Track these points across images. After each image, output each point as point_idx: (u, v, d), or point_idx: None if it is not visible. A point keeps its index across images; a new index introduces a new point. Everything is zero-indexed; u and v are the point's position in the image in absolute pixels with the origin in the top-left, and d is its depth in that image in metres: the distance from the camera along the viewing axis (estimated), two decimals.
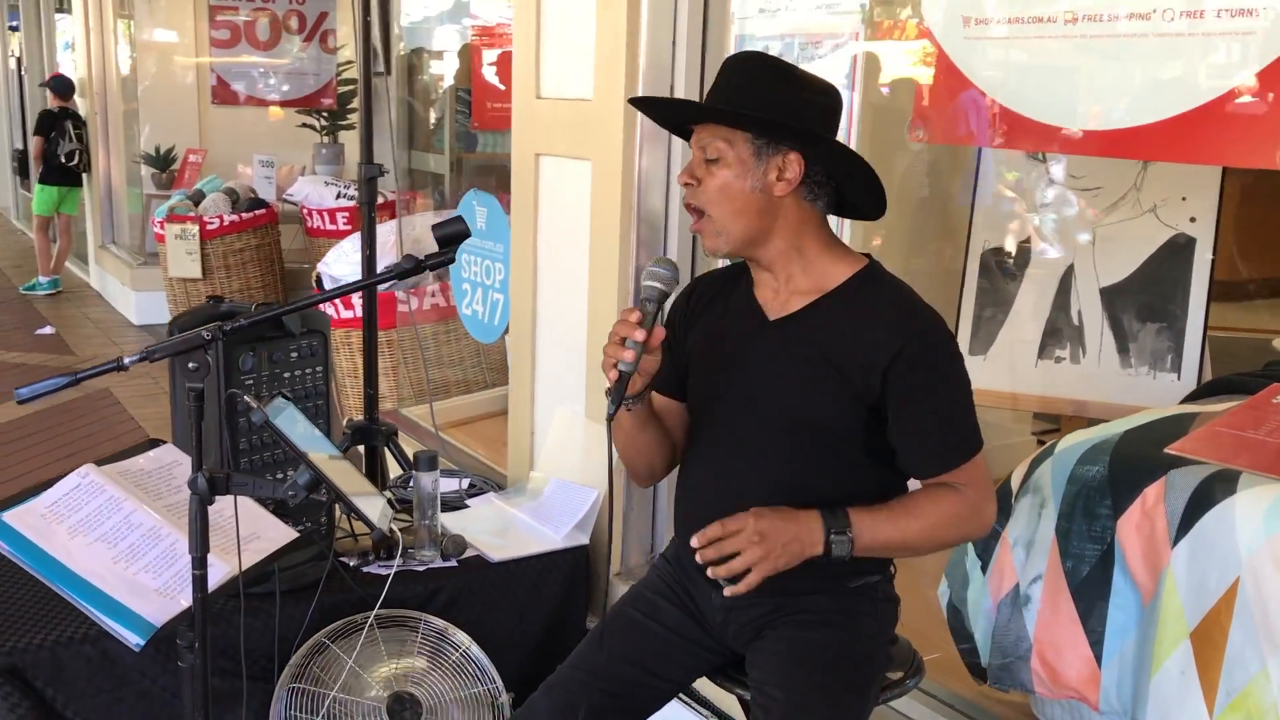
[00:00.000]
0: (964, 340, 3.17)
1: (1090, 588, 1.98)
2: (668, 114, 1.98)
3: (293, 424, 1.80)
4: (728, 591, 1.66)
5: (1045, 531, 2.05)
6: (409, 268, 1.71)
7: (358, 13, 3.08)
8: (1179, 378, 2.95)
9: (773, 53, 2.48)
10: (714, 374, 1.87)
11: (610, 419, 1.71)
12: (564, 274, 2.85)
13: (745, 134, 1.71)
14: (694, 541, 1.66)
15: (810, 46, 2.39)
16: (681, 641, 1.86)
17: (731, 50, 2.56)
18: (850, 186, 1.80)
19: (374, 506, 1.79)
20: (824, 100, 1.76)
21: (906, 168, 3.40)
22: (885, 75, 2.39)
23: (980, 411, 3.46)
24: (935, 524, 1.71)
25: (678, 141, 2.61)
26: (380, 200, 5.73)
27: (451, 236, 1.70)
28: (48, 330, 7.32)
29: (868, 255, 1.84)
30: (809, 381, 1.76)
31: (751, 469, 1.80)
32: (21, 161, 10.37)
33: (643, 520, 2.80)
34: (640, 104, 2.03)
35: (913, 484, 1.81)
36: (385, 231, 3.90)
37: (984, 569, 2.15)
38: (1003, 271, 3.16)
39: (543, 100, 2.85)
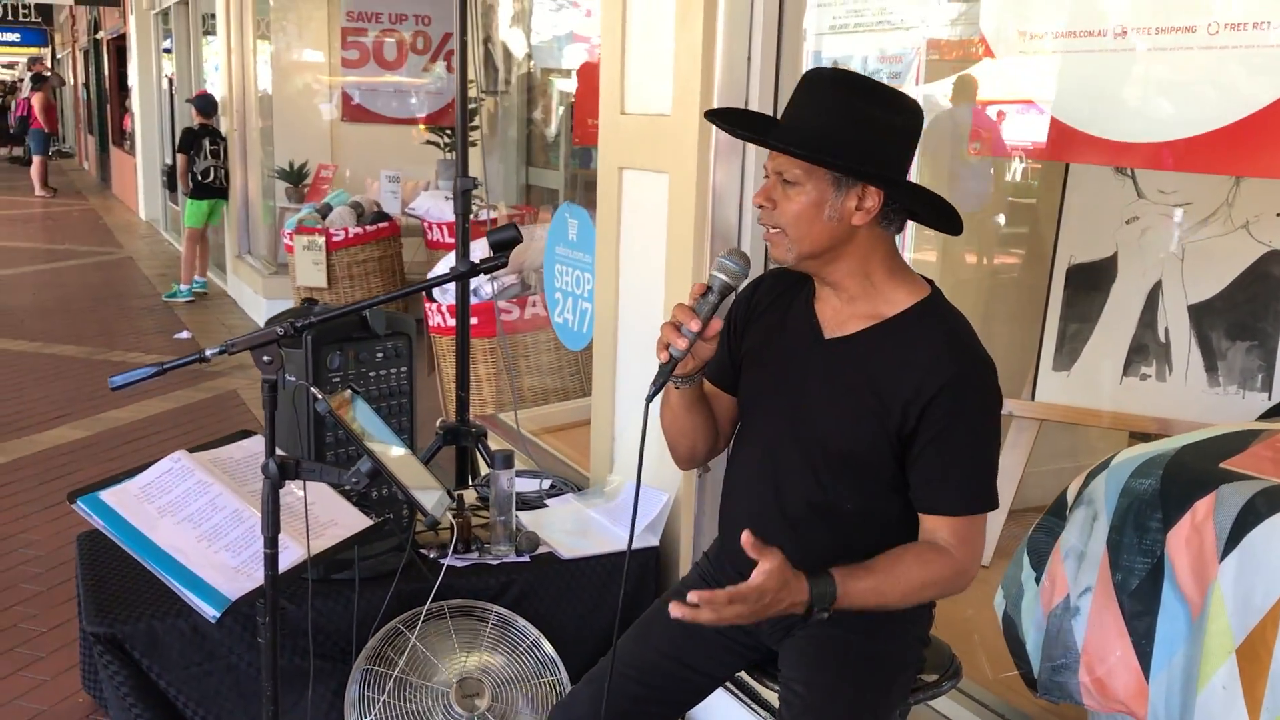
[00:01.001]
0: (1048, 356, 3.15)
1: (1139, 601, 1.97)
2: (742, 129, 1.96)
3: (361, 417, 1.93)
4: (675, 612, 1.63)
5: (1097, 544, 2.04)
6: (464, 271, 1.82)
7: (456, 35, 3.23)
8: (1270, 397, 2.88)
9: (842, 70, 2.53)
10: (764, 381, 1.91)
11: (649, 400, 1.77)
12: (643, 283, 2.94)
13: None
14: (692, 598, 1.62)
15: (878, 62, 2.43)
16: (719, 638, 1.92)
17: (806, 67, 2.62)
18: (925, 213, 1.81)
19: (431, 497, 1.90)
20: (905, 121, 1.74)
21: (985, 182, 3.39)
22: (948, 90, 2.41)
23: (1064, 429, 3.44)
24: (917, 588, 1.74)
25: (750, 155, 2.67)
26: (495, 215, 5.92)
27: (504, 242, 1.80)
28: (184, 335, 7.74)
29: (930, 282, 1.85)
30: (852, 410, 1.78)
31: (788, 483, 1.85)
32: (170, 176, 10.98)
33: (714, 524, 2.86)
34: (716, 116, 1.96)
35: None
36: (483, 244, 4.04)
37: (1037, 580, 2.15)
38: (1088, 287, 3.13)
39: (626, 116, 2.95)
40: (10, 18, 22.86)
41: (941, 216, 1.79)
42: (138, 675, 2.33)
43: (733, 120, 1.98)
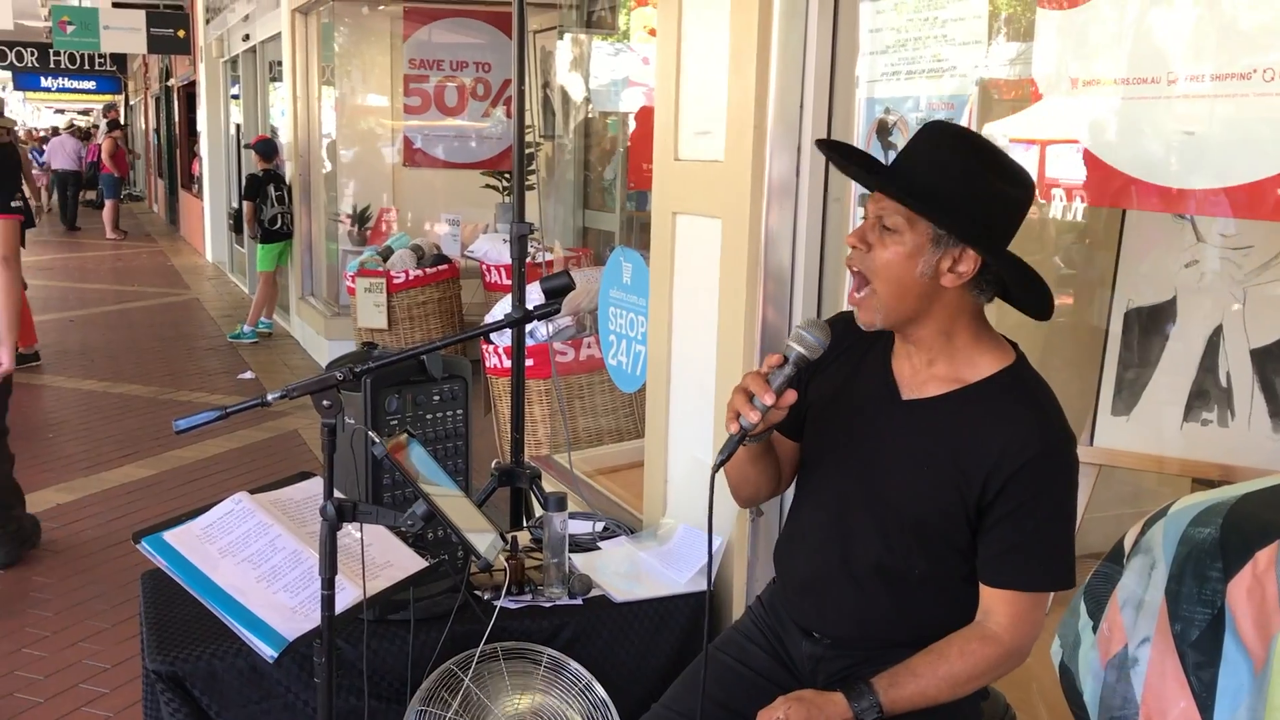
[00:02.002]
0: (1106, 401, 3.11)
1: (1199, 652, 1.92)
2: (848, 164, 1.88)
3: (418, 460, 1.96)
4: None
5: (1155, 593, 2.00)
6: (519, 317, 1.85)
7: (514, 82, 3.29)
8: None
9: (895, 115, 2.55)
10: (834, 436, 1.88)
11: (715, 470, 1.75)
12: (696, 326, 2.96)
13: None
14: None
15: (931, 109, 2.44)
16: (770, 686, 1.91)
17: (857, 112, 2.63)
18: (1018, 288, 1.77)
19: (484, 539, 1.92)
20: (1016, 192, 1.71)
21: (1045, 226, 3.37)
22: (1002, 136, 2.42)
23: (1123, 474, 3.39)
24: (964, 681, 1.74)
25: (804, 199, 2.69)
26: (552, 257, 5.98)
27: (557, 289, 1.83)
28: (248, 375, 7.89)
29: (1014, 345, 1.82)
30: (930, 477, 1.76)
31: (856, 543, 1.84)
32: (236, 220, 11.25)
33: (767, 568, 2.85)
34: (828, 147, 1.90)
35: None
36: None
37: (1095, 628, 2.12)
38: (1147, 331, 3.09)
39: (680, 162, 2.98)
40: (86, 66, 23.63)
41: (1032, 298, 1.75)
42: (197, 713, 2.37)
43: (845, 154, 1.91)
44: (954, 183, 1.66)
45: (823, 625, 1.88)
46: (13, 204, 3.96)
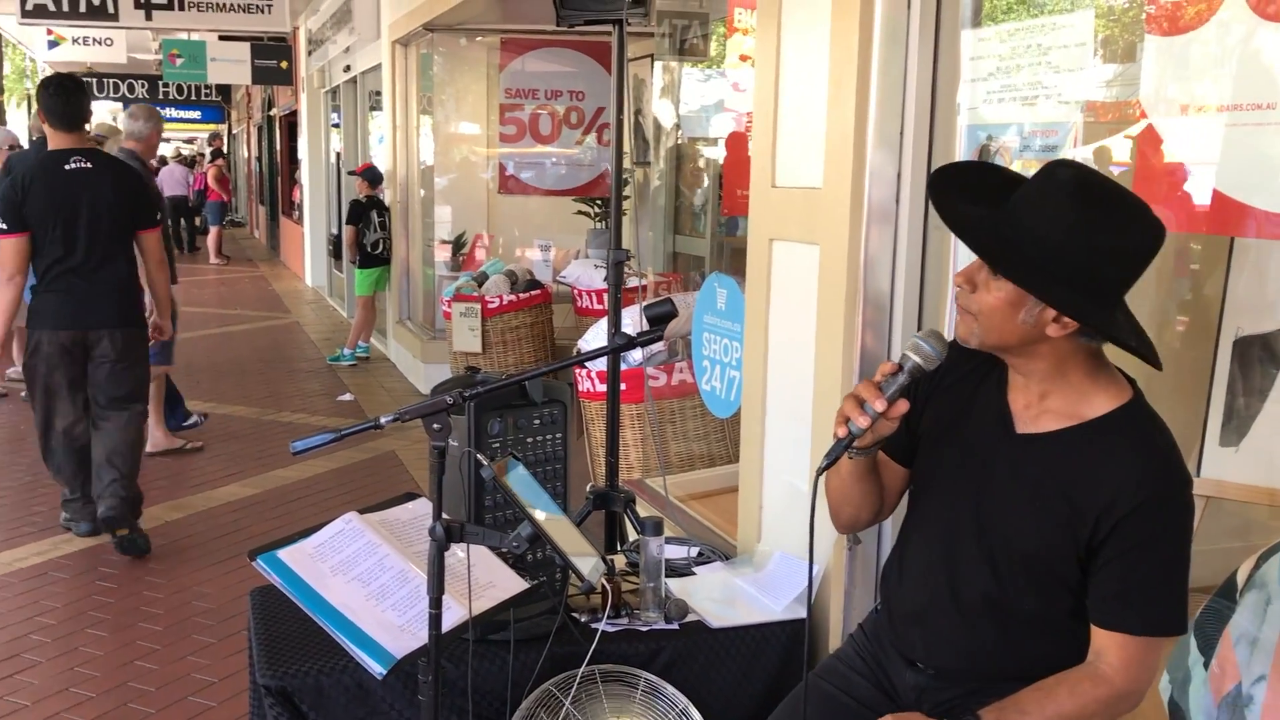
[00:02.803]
0: (1214, 431, 3.04)
1: None
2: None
3: (520, 482, 2.00)
4: None
5: (1270, 630, 1.96)
6: (621, 344, 1.88)
7: (612, 113, 3.34)
8: None
9: (997, 142, 2.54)
10: (946, 465, 1.87)
11: (820, 472, 1.76)
12: (793, 352, 2.96)
13: None
14: None
15: (1034, 135, 2.42)
16: (872, 716, 1.90)
17: (959, 139, 2.63)
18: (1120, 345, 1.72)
19: (587, 563, 1.95)
20: (1137, 245, 1.64)
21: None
22: (1107, 162, 2.39)
23: (1232, 506, 3.31)
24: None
25: (904, 226, 2.68)
26: (645, 282, 6.04)
27: (660, 316, 1.86)
28: (347, 397, 8.06)
29: (1132, 382, 1.79)
30: (1041, 513, 1.74)
31: (964, 575, 1.83)
32: (336, 245, 11.53)
33: (865, 596, 2.84)
34: (937, 189, 1.80)
35: None
36: (634, 311, 4.13)
37: (1206, 665, 2.07)
38: (1258, 360, 3.01)
39: (777, 189, 3.00)
40: (192, 96, 24.49)
41: (1147, 353, 1.71)
42: None
43: (948, 205, 1.77)
44: (1059, 238, 1.61)
45: (927, 656, 1.87)
46: (157, 217, 5.09)
